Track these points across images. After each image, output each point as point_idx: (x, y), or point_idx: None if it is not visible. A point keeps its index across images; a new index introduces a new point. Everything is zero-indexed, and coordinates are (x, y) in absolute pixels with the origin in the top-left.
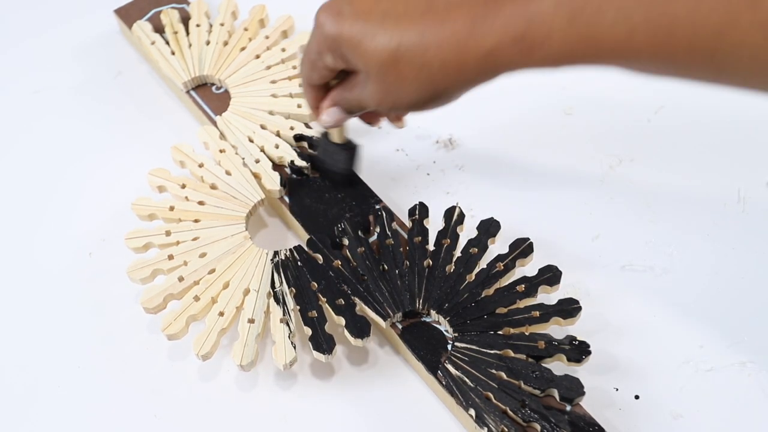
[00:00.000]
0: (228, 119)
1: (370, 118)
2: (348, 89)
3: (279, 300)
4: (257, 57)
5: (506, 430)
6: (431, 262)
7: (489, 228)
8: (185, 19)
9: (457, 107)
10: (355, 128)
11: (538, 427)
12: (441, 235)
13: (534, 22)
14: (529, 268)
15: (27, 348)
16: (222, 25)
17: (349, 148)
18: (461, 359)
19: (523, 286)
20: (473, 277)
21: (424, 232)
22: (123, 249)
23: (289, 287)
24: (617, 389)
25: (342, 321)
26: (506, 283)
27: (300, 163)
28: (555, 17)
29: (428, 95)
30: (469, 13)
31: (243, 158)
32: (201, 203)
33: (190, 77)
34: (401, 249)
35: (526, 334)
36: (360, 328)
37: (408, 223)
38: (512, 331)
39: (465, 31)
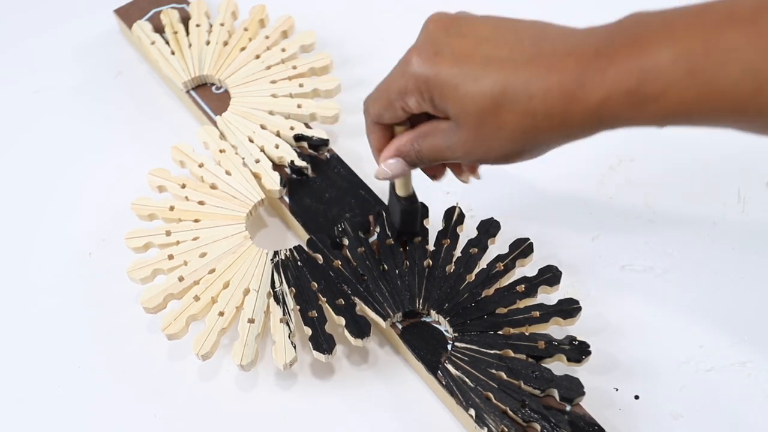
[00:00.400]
0: (228, 119)
1: (436, 170)
2: (423, 137)
3: (279, 300)
4: (257, 57)
5: (506, 430)
6: (431, 262)
7: (489, 228)
8: (185, 19)
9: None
10: (350, 128)
11: (538, 427)
12: (441, 235)
13: (650, 75)
14: (529, 268)
15: (27, 348)
16: (222, 25)
17: (410, 204)
18: (461, 359)
19: (523, 286)
20: (473, 277)
21: (424, 233)
22: (123, 249)
23: (289, 287)
24: (617, 389)
25: (342, 321)
26: (506, 284)
27: (300, 163)
28: (673, 71)
29: (524, 146)
30: (579, 62)
31: (243, 158)
32: (201, 203)
33: (190, 77)
34: (401, 249)
35: (526, 334)
36: (360, 328)
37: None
38: (512, 331)
39: (574, 80)
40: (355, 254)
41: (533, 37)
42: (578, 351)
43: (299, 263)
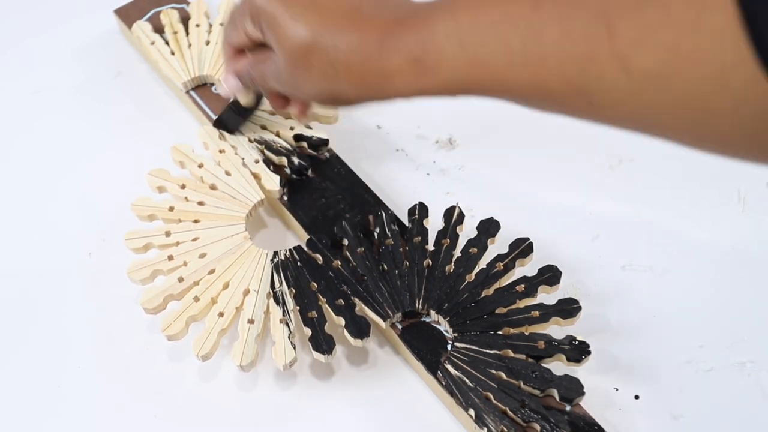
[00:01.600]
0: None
1: (276, 101)
2: (258, 61)
3: (279, 300)
4: None
5: (506, 430)
6: (431, 262)
7: (489, 228)
8: (185, 19)
9: (457, 107)
10: (350, 128)
11: (538, 428)
12: (441, 235)
13: (429, 46)
14: (528, 268)
15: (27, 348)
16: (222, 25)
17: (244, 110)
18: (461, 359)
19: (523, 286)
20: (473, 277)
21: (424, 233)
22: (123, 249)
23: (288, 287)
24: (617, 389)
25: (342, 321)
26: (506, 283)
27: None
28: (446, 42)
29: (329, 93)
30: (383, 27)
31: (243, 158)
32: (201, 203)
33: (190, 77)
34: (401, 249)
35: (526, 334)
36: (360, 328)
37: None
38: (512, 331)
39: (374, 42)
40: (355, 254)
41: None
42: (578, 351)
43: (299, 263)
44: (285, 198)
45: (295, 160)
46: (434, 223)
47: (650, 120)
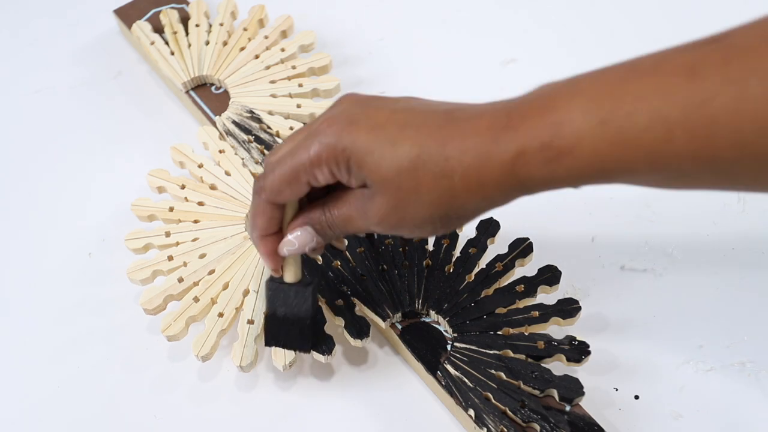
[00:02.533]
0: (227, 119)
1: (274, 260)
2: (334, 207)
3: None
4: (256, 57)
5: (505, 430)
6: (430, 263)
7: (488, 228)
8: (185, 19)
9: None
10: None
11: (538, 428)
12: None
13: (562, 127)
14: (528, 268)
15: (27, 348)
16: (221, 25)
17: (309, 284)
18: (460, 359)
19: (523, 286)
20: (472, 278)
21: None
22: (123, 249)
23: None
24: (617, 389)
25: (341, 321)
26: (506, 283)
27: None
28: (584, 121)
29: (443, 211)
30: (492, 122)
31: (242, 158)
32: (200, 204)
33: (190, 77)
34: (401, 249)
35: (526, 334)
36: (359, 328)
37: None
38: (512, 331)
39: (488, 139)
40: (355, 254)
41: (445, 109)
42: (578, 351)
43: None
44: None
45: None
46: None
47: None
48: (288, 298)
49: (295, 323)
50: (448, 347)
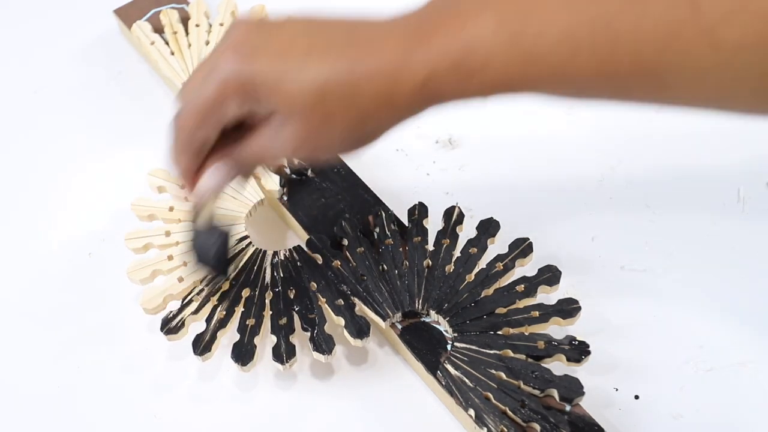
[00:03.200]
0: None
1: (192, 178)
2: (247, 140)
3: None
4: None
5: (506, 430)
6: (431, 263)
7: (488, 228)
8: (185, 19)
9: (457, 107)
10: None
11: (538, 428)
12: (441, 235)
13: (473, 47)
14: (528, 268)
15: (27, 348)
16: (221, 25)
17: (222, 232)
18: (461, 359)
19: (523, 286)
20: (473, 277)
21: (424, 233)
22: (123, 249)
23: (288, 287)
24: (617, 389)
25: (341, 321)
26: (506, 283)
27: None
28: (495, 41)
29: (356, 134)
30: (399, 42)
31: None
32: None
33: None
34: (401, 249)
35: (526, 334)
36: (359, 328)
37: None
38: (512, 331)
39: (398, 60)
40: (355, 254)
41: (348, 26)
42: (578, 351)
43: (299, 263)
44: (285, 198)
45: (295, 160)
46: (434, 223)
47: (731, 93)
48: (198, 239)
49: (204, 260)
50: (448, 347)
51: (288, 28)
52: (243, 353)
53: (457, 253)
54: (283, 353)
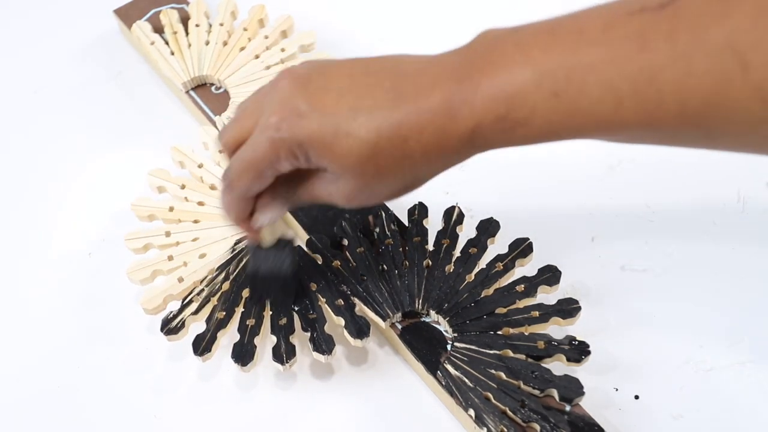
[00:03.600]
0: (227, 119)
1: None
2: (301, 186)
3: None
4: (257, 57)
5: (505, 430)
6: (430, 263)
7: (488, 228)
8: (184, 19)
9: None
10: None
11: (538, 428)
12: (440, 235)
13: (516, 101)
14: (528, 268)
15: (27, 348)
16: (221, 25)
17: (288, 242)
18: (460, 359)
19: (523, 286)
20: (473, 277)
21: (424, 233)
22: (123, 249)
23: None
24: (617, 389)
25: (341, 321)
26: (506, 283)
27: None
28: (538, 95)
29: (405, 185)
30: (444, 94)
31: None
32: (201, 204)
33: (190, 77)
34: (401, 249)
35: (526, 334)
36: (359, 328)
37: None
38: (512, 331)
39: (443, 114)
40: (355, 254)
41: (391, 77)
42: (578, 351)
43: (299, 264)
44: None
45: None
46: (434, 223)
47: None
48: (268, 259)
49: (276, 280)
50: (448, 347)
51: (332, 80)
52: (243, 353)
53: (457, 253)
54: (283, 353)
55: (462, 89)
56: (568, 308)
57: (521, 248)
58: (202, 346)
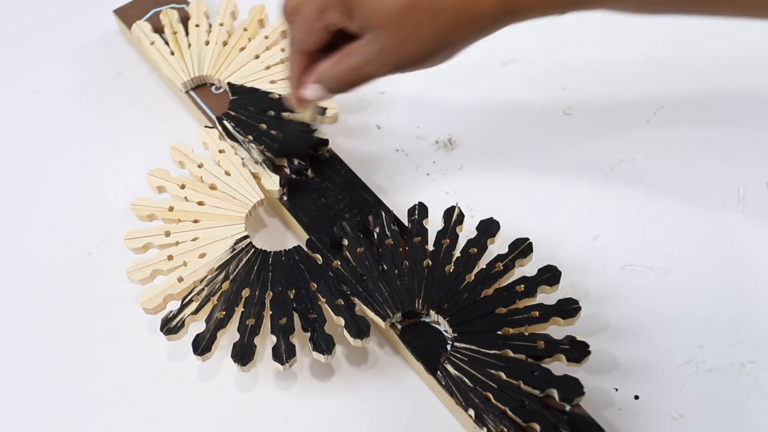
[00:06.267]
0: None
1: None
2: (342, 59)
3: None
4: (256, 57)
5: (505, 430)
6: (431, 263)
7: (488, 228)
8: (184, 19)
9: (457, 107)
10: (350, 128)
11: (538, 428)
12: (440, 235)
13: None
14: (528, 268)
15: (27, 348)
16: (221, 25)
17: (314, 130)
18: (460, 359)
19: (523, 286)
20: (473, 277)
21: (424, 233)
22: (123, 249)
23: (288, 288)
24: (617, 389)
25: (341, 321)
26: (506, 283)
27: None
28: None
29: (440, 44)
30: None
31: (242, 158)
32: (200, 203)
33: (190, 77)
34: (401, 249)
35: (526, 334)
36: (359, 328)
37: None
38: (512, 331)
39: None
40: (355, 254)
41: None
42: (578, 351)
43: (299, 263)
44: (285, 198)
45: (295, 160)
46: (434, 223)
47: None
48: (294, 131)
49: (295, 144)
50: (448, 347)
51: None
52: (243, 353)
53: (457, 253)
54: (283, 353)
55: None
56: (568, 308)
57: (521, 248)
58: (202, 345)
